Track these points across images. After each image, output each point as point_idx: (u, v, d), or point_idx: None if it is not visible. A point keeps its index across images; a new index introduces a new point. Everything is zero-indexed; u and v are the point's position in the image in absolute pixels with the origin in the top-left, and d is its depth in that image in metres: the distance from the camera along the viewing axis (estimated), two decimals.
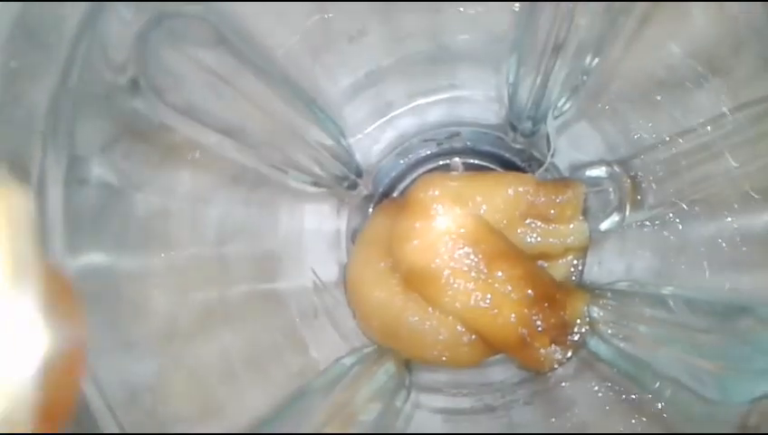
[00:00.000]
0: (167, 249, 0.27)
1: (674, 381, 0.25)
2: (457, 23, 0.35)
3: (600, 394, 0.32)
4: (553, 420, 0.32)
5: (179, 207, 0.28)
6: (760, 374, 0.22)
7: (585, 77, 0.32)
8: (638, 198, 0.34)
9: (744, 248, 0.28)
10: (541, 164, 0.40)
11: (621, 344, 0.30)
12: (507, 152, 0.41)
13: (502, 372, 0.37)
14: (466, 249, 0.34)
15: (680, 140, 0.30)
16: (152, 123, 0.24)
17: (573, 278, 0.37)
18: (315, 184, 0.36)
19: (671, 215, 0.32)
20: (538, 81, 0.33)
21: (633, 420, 0.29)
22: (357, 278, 0.37)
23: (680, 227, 0.32)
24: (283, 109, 0.30)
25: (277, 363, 0.31)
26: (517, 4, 0.33)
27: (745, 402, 0.22)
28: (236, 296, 0.31)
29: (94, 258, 0.22)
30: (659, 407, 0.28)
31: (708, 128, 0.29)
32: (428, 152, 0.42)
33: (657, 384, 0.26)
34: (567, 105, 0.35)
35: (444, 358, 0.35)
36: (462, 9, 0.34)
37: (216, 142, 0.27)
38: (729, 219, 0.29)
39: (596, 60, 0.30)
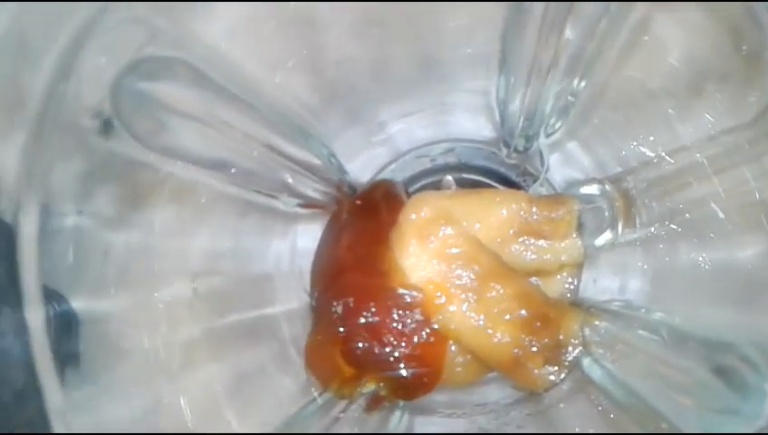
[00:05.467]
0: (149, 287, 0.27)
1: (659, 413, 0.25)
2: (442, 42, 0.35)
3: (592, 416, 0.31)
4: None
5: (161, 243, 0.28)
6: (741, 417, 0.22)
7: (573, 98, 0.32)
8: (631, 215, 0.33)
9: (729, 281, 0.28)
10: (535, 179, 0.39)
11: (612, 367, 0.30)
12: (501, 167, 0.41)
13: (497, 392, 0.37)
14: (459, 270, 0.34)
15: (669, 160, 0.30)
16: (130, 163, 0.24)
17: (569, 296, 0.37)
18: (306, 206, 0.36)
19: (663, 235, 0.31)
20: (527, 99, 0.33)
21: None
22: None
23: (671, 250, 0.32)
24: (271, 138, 0.30)
25: (266, 392, 0.32)
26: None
27: None
28: (224, 327, 0.31)
29: (71, 305, 0.22)
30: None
31: (696, 149, 0.29)
32: (422, 169, 0.42)
33: (643, 413, 0.26)
34: (559, 123, 0.35)
35: None
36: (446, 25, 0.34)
37: (199, 177, 0.27)
38: (715, 248, 0.29)
39: (583, 82, 0.30)
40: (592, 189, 0.36)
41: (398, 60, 0.36)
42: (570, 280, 0.37)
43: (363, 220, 0.37)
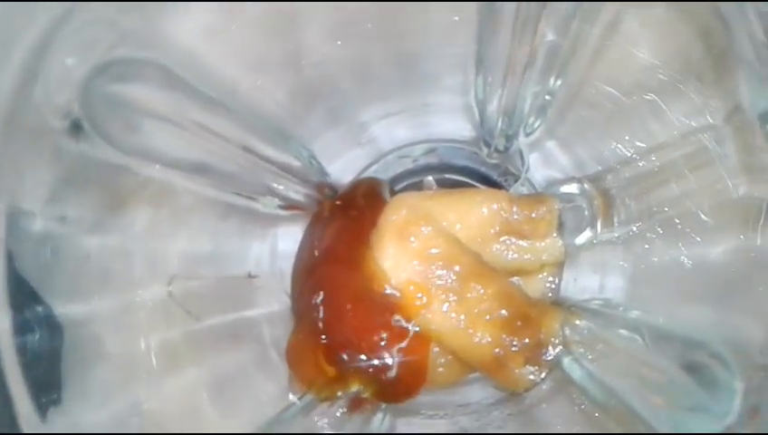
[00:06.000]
0: (128, 290, 0.27)
1: (634, 412, 0.25)
2: (424, 43, 0.35)
3: (574, 416, 0.31)
4: None
5: (138, 246, 0.28)
6: (710, 414, 0.22)
7: (550, 97, 0.32)
8: (610, 214, 0.34)
9: (706, 278, 0.28)
10: (516, 178, 0.39)
11: (592, 367, 0.30)
12: (483, 167, 0.41)
13: (479, 392, 0.37)
14: (440, 271, 0.34)
15: (646, 159, 0.30)
16: (105, 166, 0.24)
17: (550, 295, 0.37)
18: (287, 208, 0.36)
19: (643, 233, 0.31)
20: (505, 99, 0.33)
21: None
22: None
23: (650, 248, 0.31)
24: (249, 140, 0.30)
25: (247, 394, 0.31)
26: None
27: None
28: (204, 330, 0.30)
29: (43, 311, 0.22)
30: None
31: (672, 147, 0.29)
32: (404, 169, 0.42)
33: (622, 413, 0.26)
34: (537, 123, 0.35)
35: None
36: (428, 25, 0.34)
37: (177, 180, 0.26)
38: (693, 246, 0.29)
39: (559, 81, 0.30)
40: (572, 188, 0.36)
41: (380, 60, 0.36)
42: (551, 279, 0.37)
43: (344, 222, 0.37)
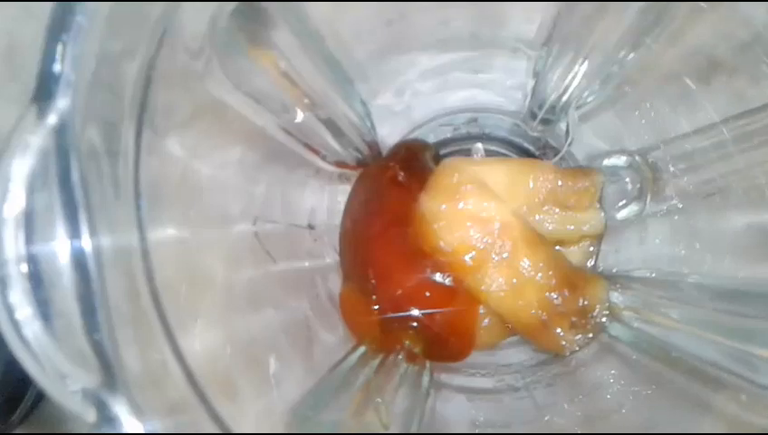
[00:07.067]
0: (223, 223, 0.27)
1: (711, 363, 0.26)
2: (483, 12, 0.35)
3: (621, 379, 0.33)
4: (577, 399, 0.33)
5: (232, 183, 0.28)
6: None
7: (617, 68, 0.32)
8: (659, 188, 0.35)
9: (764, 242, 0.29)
10: (556, 152, 0.40)
11: (644, 328, 0.31)
12: (523, 140, 0.42)
13: (516, 355, 0.38)
14: (490, 234, 0.35)
15: (701, 135, 0.31)
16: (213, 101, 0.24)
17: (588, 265, 0.38)
18: (338, 165, 0.36)
19: (691, 206, 0.33)
20: (566, 72, 0.34)
21: (654, 405, 0.31)
22: None
23: (699, 218, 0.32)
24: (327, 90, 0.31)
25: (314, 340, 0.32)
26: None
27: None
28: (276, 274, 0.31)
29: (169, 230, 0.22)
30: (679, 390, 0.29)
31: (731, 124, 0.30)
32: (444, 137, 0.42)
33: (683, 365, 0.27)
34: (591, 97, 0.36)
35: None
36: None
37: (266, 121, 0.27)
38: (748, 213, 0.30)
39: (631, 54, 0.31)
40: (618, 161, 0.37)
41: (442, 25, 0.36)
42: (590, 250, 0.38)
43: (391, 182, 0.38)
